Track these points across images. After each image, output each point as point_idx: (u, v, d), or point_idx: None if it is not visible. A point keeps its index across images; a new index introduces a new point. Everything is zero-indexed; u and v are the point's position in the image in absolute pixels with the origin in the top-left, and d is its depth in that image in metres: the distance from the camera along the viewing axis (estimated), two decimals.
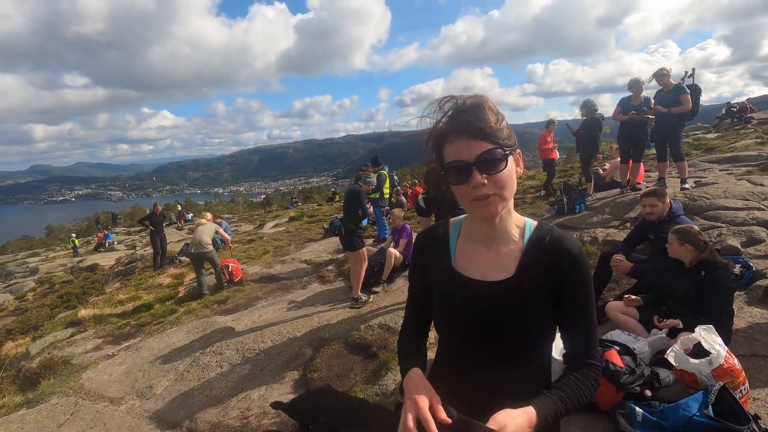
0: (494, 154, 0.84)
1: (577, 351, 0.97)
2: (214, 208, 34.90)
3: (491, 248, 0.97)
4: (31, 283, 16.37)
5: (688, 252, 2.72)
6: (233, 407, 3.58)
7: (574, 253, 0.94)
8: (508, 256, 0.96)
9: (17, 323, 10.71)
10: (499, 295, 0.94)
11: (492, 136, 0.85)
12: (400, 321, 4.30)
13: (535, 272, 0.94)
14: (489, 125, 0.85)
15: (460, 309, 0.98)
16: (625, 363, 2.40)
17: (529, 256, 0.95)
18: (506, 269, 0.95)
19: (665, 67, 5.74)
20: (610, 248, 4.73)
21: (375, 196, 7.59)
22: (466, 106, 0.87)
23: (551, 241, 0.95)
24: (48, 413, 3.98)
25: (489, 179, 0.84)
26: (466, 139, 0.85)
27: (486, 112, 0.86)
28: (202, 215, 8.31)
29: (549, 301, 0.94)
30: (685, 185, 5.75)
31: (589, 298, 0.96)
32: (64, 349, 5.76)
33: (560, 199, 6.55)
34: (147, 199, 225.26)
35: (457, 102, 0.88)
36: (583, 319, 0.96)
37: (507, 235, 0.97)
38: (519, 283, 0.94)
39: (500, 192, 0.86)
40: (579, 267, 0.94)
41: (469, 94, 0.90)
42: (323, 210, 17.12)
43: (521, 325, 0.93)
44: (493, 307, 0.94)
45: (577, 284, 0.94)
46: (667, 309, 2.84)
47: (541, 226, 0.99)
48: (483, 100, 0.88)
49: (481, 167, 0.84)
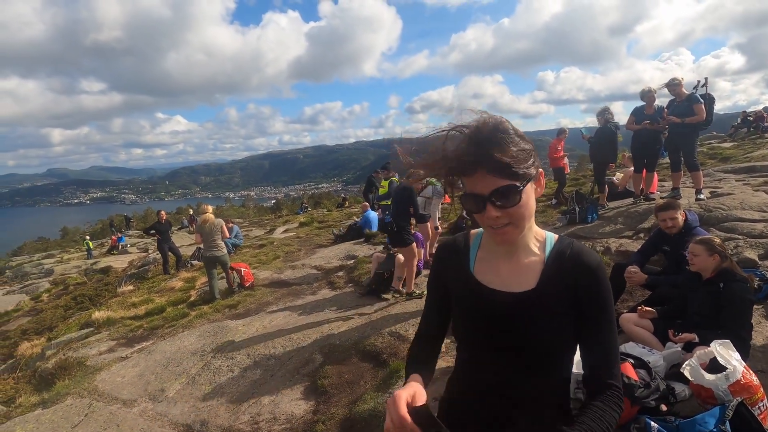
0: (509, 189, 0.84)
1: (597, 372, 0.95)
2: (225, 213, 35.21)
3: (512, 260, 0.98)
4: (46, 284, 16.66)
5: (714, 262, 2.67)
6: (244, 412, 3.61)
7: (593, 267, 0.95)
8: (529, 268, 0.97)
9: (32, 323, 10.89)
10: (520, 306, 0.94)
11: (509, 169, 0.84)
12: (410, 329, 4.31)
13: (556, 285, 0.94)
14: (508, 157, 0.83)
15: (480, 319, 0.99)
16: (639, 376, 2.37)
17: (550, 269, 0.96)
18: (527, 281, 0.96)
19: (677, 77, 5.71)
20: (623, 259, 4.69)
21: (387, 202, 7.62)
22: (486, 135, 0.85)
23: (571, 255, 0.96)
24: (63, 414, 4.04)
25: (503, 212, 0.86)
26: (483, 174, 0.85)
27: (506, 143, 0.84)
28: (203, 209, 7.35)
29: (569, 314, 0.94)
30: (700, 196, 5.68)
31: (608, 314, 0.95)
32: (78, 351, 5.85)
33: (572, 208, 6.51)
34: (160, 203, 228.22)
35: (479, 131, 0.86)
36: (602, 336, 0.95)
37: (527, 248, 0.98)
38: (540, 295, 0.94)
39: (516, 222, 0.88)
40: (598, 282, 0.94)
41: (489, 117, 0.88)
42: (333, 216, 17.19)
43: (541, 338, 0.93)
44: (513, 319, 0.95)
45: (596, 299, 0.94)
46: (682, 322, 2.80)
47: (561, 240, 1.00)
48: (505, 129, 0.86)
49: (496, 201, 0.85)
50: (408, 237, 5.07)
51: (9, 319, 12.40)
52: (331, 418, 3.27)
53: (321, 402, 3.54)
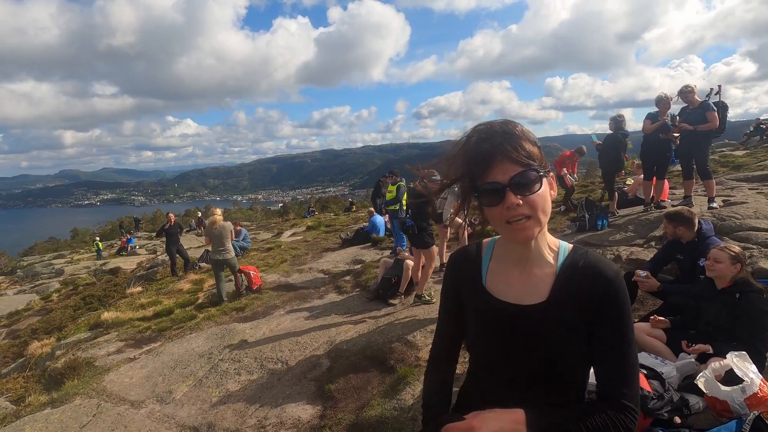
0: (528, 175, 0.84)
1: (608, 388, 0.90)
2: (233, 215, 35.43)
3: (524, 270, 0.96)
4: (56, 284, 16.85)
5: (735, 271, 2.62)
6: (251, 416, 3.60)
7: (609, 277, 0.90)
8: (541, 279, 0.94)
9: (42, 323, 11.00)
10: (532, 319, 0.92)
11: (526, 159, 0.85)
12: (418, 335, 4.29)
13: (569, 297, 0.91)
14: (523, 148, 0.86)
15: (492, 331, 0.97)
16: (652, 387, 2.33)
17: (562, 280, 0.93)
18: (539, 293, 0.93)
19: (690, 84, 5.67)
20: (634, 267, 4.64)
21: (394, 207, 7.61)
22: (498, 128, 0.88)
23: (585, 265, 0.93)
24: (71, 414, 4.07)
25: (524, 200, 0.84)
26: (501, 163, 0.85)
27: (519, 136, 0.87)
28: (212, 212, 7.34)
29: (583, 327, 0.91)
30: (712, 204, 5.61)
31: (625, 327, 0.90)
32: (87, 351, 5.90)
33: (581, 216, 6.46)
34: (168, 205, 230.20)
35: (490, 126, 0.89)
36: (617, 350, 0.89)
37: (541, 257, 0.95)
38: (552, 307, 0.91)
39: (535, 214, 0.86)
40: (614, 293, 0.90)
41: (501, 119, 0.92)
42: (340, 220, 17.23)
43: (553, 351, 0.91)
44: (525, 331, 0.93)
45: (612, 312, 0.90)
46: (696, 332, 2.76)
47: (575, 250, 0.97)
48: (515, 125, 0.89)
49: (515, 188, 0.84)
50: (429, 239, 5.13)
51: (20, 318, 12.55)
52: (338, 423, 3.25)
53: (328, 407, 3.53)
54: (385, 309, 5.35)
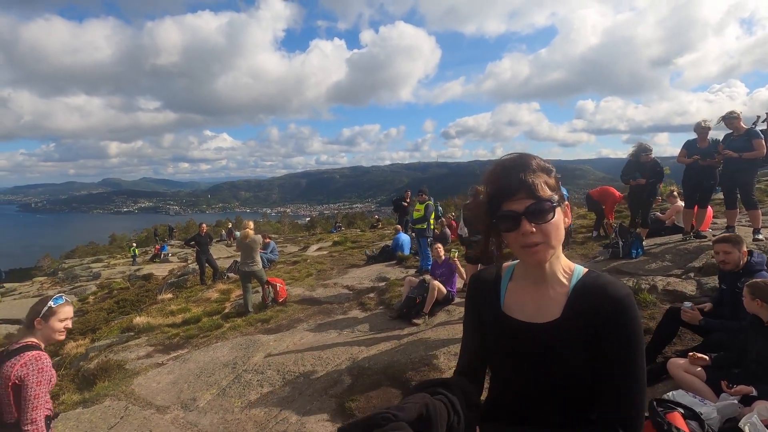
0: (542, 206, 0.91)
1: (606, 411, 0.92)
2: (262, 228, 36.21)
3: (539, 291, 1.00)
4: (93, 287, 17.59)
5: (760, 308, 2.50)
6: (271, 428, 3.62)
7: (618, 296, 0.92)
8: (554, 299, 0.98)
9: (78, 324, 11.47)
10: (544, 337, 0.96)
11: (540, 192, 0.91)
12: (441, 356, 4.22)
13: (580, 314, 0.94)
14: (538, 183, 0.92)
15: (507, 350, 1.02)
16: (690, 428, 2.19)
17: (574, 298, 0.96)
18: (552, 312, 0.97)
19: (735, 111, 5.46)
20: (671, 299, 4.43)
21: (422, 226, 7.61)
22: (519, 163, 0.94)
23: (597, 286, 0.96)
24: (101, 414, 4.21)
25: (537, 228, 0.90)
26: (517, 194, 0.92)
27: (536, 170, 0.93)
28: (245, 225, 7.65)
29: (593, 344, 0.93)
30: (758, 235, 5.31)
31: (633, 351, 0.90)
32: (119, 354, 6.11)
33: (615, 242, 6.23)
34: (201, 215, 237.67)
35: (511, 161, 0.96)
36: (620, 371, 0.90)
37: (555, 279, 1.00)
38: (563, 326, 0.95)
39: (548, 240, 0.91)
40: (623, 315, 0.90)
41: (518, 153, 0.99)
42: (366, 236, 17.30)
43: (566, 367, 0.93)
44: (537, 350, 0.96)
45: (619, 331, 0.90)
46: (740, 371, 2.59)
47: (589, 273, 1.00)
48: (532, 158, 0.96)
49: (530, 217, 0.90)
50: None
51: None
52: None
53: None
54: (408, 328, 5.31)
